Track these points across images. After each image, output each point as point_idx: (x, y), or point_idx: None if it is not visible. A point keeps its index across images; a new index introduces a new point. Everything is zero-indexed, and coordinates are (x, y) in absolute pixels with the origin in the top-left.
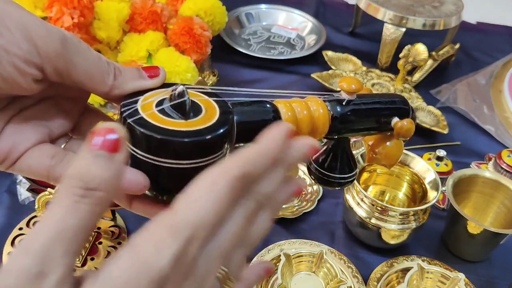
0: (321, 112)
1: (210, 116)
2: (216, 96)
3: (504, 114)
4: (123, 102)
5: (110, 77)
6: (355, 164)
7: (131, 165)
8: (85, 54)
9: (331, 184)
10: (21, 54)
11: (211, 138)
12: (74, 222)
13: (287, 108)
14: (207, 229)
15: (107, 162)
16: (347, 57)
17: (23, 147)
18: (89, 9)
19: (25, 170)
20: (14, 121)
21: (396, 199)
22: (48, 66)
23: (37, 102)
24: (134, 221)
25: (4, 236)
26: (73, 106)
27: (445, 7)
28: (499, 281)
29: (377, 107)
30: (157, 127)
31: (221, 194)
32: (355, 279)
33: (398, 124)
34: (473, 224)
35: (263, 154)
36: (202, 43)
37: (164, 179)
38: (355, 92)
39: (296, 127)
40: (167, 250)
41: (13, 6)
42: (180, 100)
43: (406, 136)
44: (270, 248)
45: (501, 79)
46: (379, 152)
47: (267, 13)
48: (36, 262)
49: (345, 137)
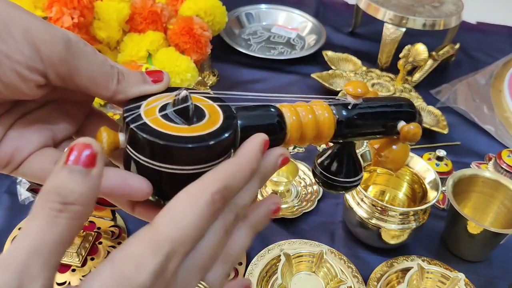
0: (326, 116)
1: (213, 121)
2: (220, 101)
3: (504, 114)
4: (126, 107)
5: (113, 81)
6: (360, 168)
7: (134, 170)
8: (89, 58)
9: (336, 188)
10: (23, 60)
11: (215, 143)
12: (53, 236)
13: (292, 113)
14: (187, 245)
15: (84, 176)
16: (347, 57)
17: (26, 151)
18: (89, 9)
19: (28, 175)
20: (18, 125)
21: (396, 199)
22: (51, 72)
23: (41, 106)
24: (134, 221)
25: (4, 236)
26: (77, 110)
27: (445, 7)
28: (499, 281)
29: (384, 111)
30: (160, 133)
31: (201, 210)
32: (355, 279)
33: (405, 128)
34: (473, 224)
35: (241, 168)
36: (202, 43)
37: (167, 185)
38: (361, 96)
39: (301, 131)
40: (148, 266)
41: (18, 10)
42: (184, 105)
43: (412, 140)
44: (270, 248)
45: (501, 79)
46: (385, 156)
47: (267, 13)
48: (15, 276)
49: (351, 141)
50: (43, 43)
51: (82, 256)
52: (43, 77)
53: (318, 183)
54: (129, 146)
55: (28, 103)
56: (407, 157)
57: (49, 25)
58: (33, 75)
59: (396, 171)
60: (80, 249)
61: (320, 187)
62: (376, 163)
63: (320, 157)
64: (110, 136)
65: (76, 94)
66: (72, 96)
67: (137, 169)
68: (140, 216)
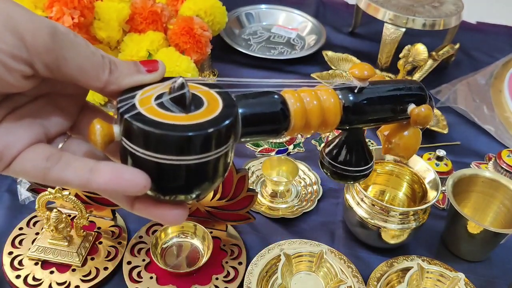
0: (332, 102)
1: (212, 109)
2: (219, 89)
3: (504, 114)
4: (119, 98)
5: (105, 72)
6: (370, 156)
7: (130, 164)
8: (78, 49)
9: (345, 178)
10: (6, 49)
11: (214, 131)
12: None
13: (296, 99)
14: None
15: None
16: (347, 57)
17: (17, 148)
18: (89, 9)
19: (20, 172)
20: (7, 120)
21: (396, 199)
22: (38, 61)
23: (32, 100)
24: (135, 221)
25: (4, 236)
26: (70, 104)
27: (445, 7)
28: (499, 281)
29: (392, 94)
30: (156, 122)
31: None
32: (355, 279)
33: (415, 111)
34: (473, 224)
35: None
36: (202, 43)
37: (166, 177)
38: (367, 78)
39: (306, 119)
40: None
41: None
42: (180, 92)
43: (424, 124)
44: (270, 248)
45: (501, 79)
46: (395, 143)
47: (267, 13)
48: None
49: (359, 127)
50: (27, 31)
51: (82, 256)
52: (29, 67)
53: (327, 174)
54: (124, 138)
55: (18, 97)
56: (419, 143)
57: (33, 14)
58: (18, 65)
59: (408, 159)
60: (80, 249)
61: (320, 187)
62: (387, 151)
63: (327, 146)
64: (104, 128)
65: (68, 87)
66: (64, 89)
67: (134, 162)
68: (139, 213)
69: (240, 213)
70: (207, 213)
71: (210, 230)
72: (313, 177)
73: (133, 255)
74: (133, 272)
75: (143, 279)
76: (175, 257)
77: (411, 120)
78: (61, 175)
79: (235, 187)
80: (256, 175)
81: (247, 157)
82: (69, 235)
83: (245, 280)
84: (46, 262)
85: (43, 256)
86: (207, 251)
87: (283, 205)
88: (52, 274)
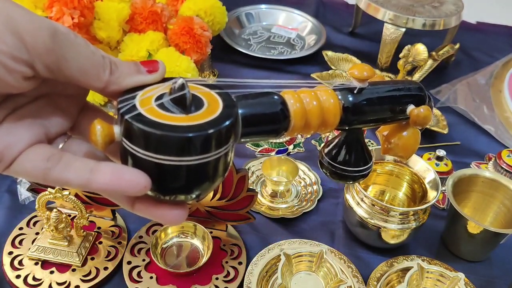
0: (331, 102)
1: (212, 110)
2: (219, 90)
3: (504, 114)
4: (120, 98)
5: (105, 72)
6: (370, 156)
7: (131, 164)
8: (79, 49)
9: (345, 178)
10: (7, 50)
11: (214, 132)
12: None
13: (295, 99)
14: None
15: None
16: (347, 57)
17: (17, 148)
18: (89, 9)
19: (21, 173)
20: (8, 121)
21: (396, 199)
22: (38, 62)
23: (32, 101)
24: (135, 221)
25: (4, 236)
26: (71, 104)
27: (445, 7)
28: (499, 281)
29: (392, 95)
30: (157, 123)
31: None
32: (355, 279)
33: (414, 111)
34: (473, 224)
35: None
36: (202, 43)
37: (167, 177)
38: (366, 79)
39: (305, 119)
40: None
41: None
42: (180, 93)
43: (423, 124)
44: (270, 248)
45: (501, 79)
46: (394, 143)
47: (267, 13)
48: None
49: (358, 128)
50: (27, 32)
51: (82, 256)
52: (29, 68)
53: (326, 174)
54: (124, 138)
55: (18, 98)
56: (418, 143)
57: (33, 15)
58: (19, 66)
59: (407, 159)
60: (80, 249)
61: (320, 187)
62: (386, 151)
63: (327, 147)
64: (105, 129)
65: (68, 87)
66: (64, 90)
67: (134, 163)
68: (140, 213)
69: (240, 213)
70: (207, 213)
71: (210, 230)
72: (313, 177)
73: (133, 255)
74: (133, 272)
75: (143, 279)
76: (175, 257)
77: (411, 120)
78: (62, 176)
79: (235, 187)
80: (256, 175)
81: (247, 157)
82: (69, 235)
83: (245, 280)
84: (46, 262)
85: (43, 256)
86: (207, 251)
87: (283, 205)
88: (52, 274)
